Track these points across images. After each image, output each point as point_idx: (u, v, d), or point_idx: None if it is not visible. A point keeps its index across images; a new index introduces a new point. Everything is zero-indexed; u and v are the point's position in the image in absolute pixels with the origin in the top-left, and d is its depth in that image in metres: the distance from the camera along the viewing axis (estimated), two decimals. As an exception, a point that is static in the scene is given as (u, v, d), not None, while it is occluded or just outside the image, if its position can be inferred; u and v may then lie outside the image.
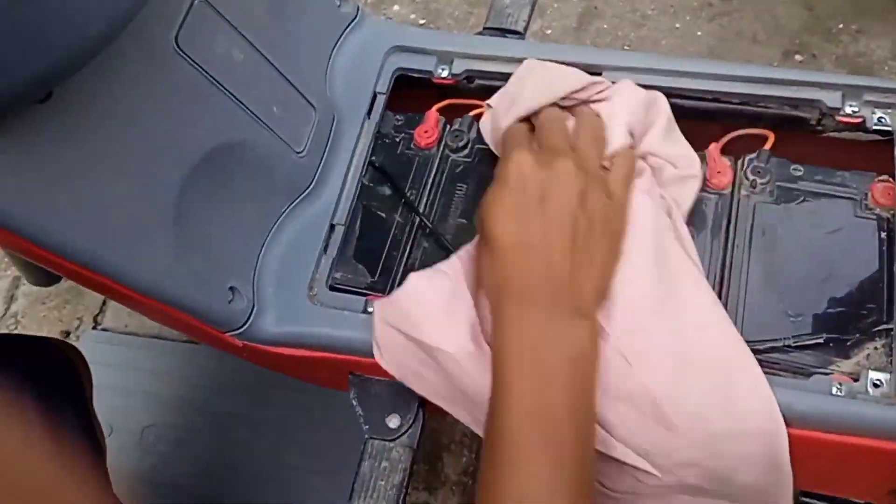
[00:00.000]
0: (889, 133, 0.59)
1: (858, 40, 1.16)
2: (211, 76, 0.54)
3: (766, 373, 0.52)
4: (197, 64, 0.52)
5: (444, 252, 0.61)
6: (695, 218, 0.59)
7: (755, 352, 0.51)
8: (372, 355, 0.57)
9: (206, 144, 0.55)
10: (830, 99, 0.59)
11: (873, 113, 0.59)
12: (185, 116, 0.53)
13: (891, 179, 0.57)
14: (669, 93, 0.62)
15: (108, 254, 0.50)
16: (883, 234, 0.56)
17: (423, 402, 0.59)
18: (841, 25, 1.17)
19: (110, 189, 0.49)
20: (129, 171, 0.50)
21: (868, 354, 0.53)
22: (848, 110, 0.59)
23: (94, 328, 1.17)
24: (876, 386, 0.51)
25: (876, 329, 0.53)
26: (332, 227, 0.63)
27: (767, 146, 0.60)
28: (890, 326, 0.52)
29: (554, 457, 0.43)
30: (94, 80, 0.46)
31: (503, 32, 0.72)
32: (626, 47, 1.20)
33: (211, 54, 0.53)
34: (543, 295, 0.46)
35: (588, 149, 0.52)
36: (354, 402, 0.60)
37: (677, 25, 1.20)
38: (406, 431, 0.59)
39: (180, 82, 0.52)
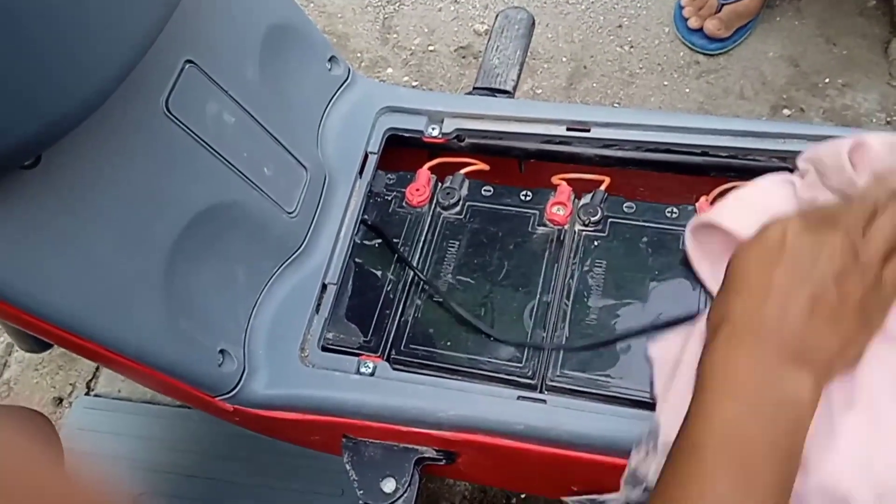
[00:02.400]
0: (877, 183, 0.59)
1: (845, 94, 1.17)
2: (201, 139, 0.54)
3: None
4: (187, 127, 0.53)
5: (437, 310, 0.61)
6: (688, 270, 0.59)
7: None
8: (364, 417, 0.56)
9: (196, 206, 0.55)
10: (817, 150, 0.60)
11: (861, 163, 0.59)
12: (174, 179, 0.53)
13: (882, 229, 0.57)
14: (657, 147, 0.63)
15: (96, 319, 0.49)
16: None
17: (419, 464, 0.58)
18: (827, 80, 1.19)
19: (99, 254, 0.49)
20: (118, 235, 0.50)
21: None
22: (835, 161, 0.59)
23: (87, 394, 1.16)
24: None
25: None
26: (324, 286, 0.62)
27: (757, 198, 0.60)
28: None
29: (744, 487, 0.41)
30: (83, 145, 0.46)
31: (492, 92, 0.73)
32: (615, 105, 1.21)
33: (201, 117, 0.54)
34: (770, 338, 0.44)
35: (880, 234, 0.47)
36: (348, 466, 0.59)
37: (665, 83, 1.22)
38: (402, 496, 0.57)
39: (170, 145, 0.52)
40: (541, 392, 0.56)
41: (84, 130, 0.45)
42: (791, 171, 0.61)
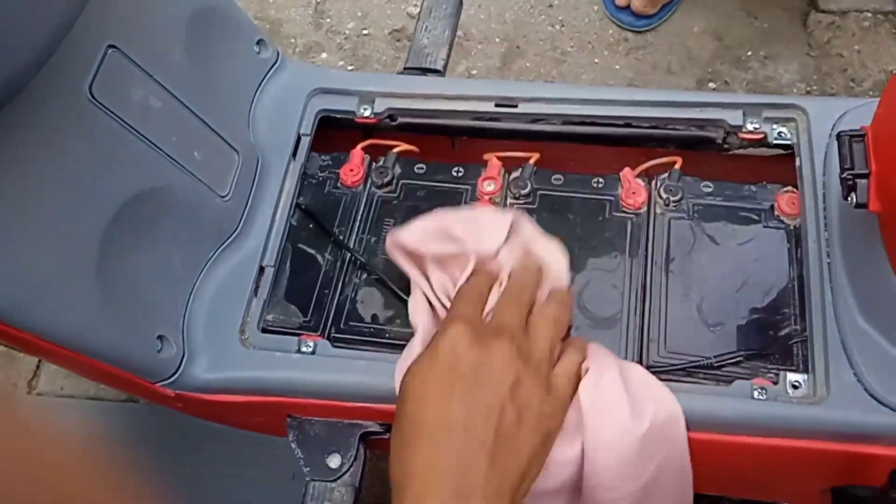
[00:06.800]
0: (790, 146, 0.62)
1: (767, 66, 1.22)
2: (128, 124, 0.54)
3: (690, 382, 0.54)
4: (112, 112, 0.52)
5: (375, 287, 0.62)
6: (613, 237, 0.61)
7: (679, 368, 0.54)
8: (307, 395, 0.57)
9: (126, 192, 0.54)
10: (732, 118, 0.63)
11: (773, 128, 0.62)
12: (102, 165, 0.53)
13: (794, 190, 0.60)
14: (583, 121, 0.65)
15: (30, 310, 0.49)
16: (790, 242, 0.59)
17: (364, 439, 0.59)
18: (749, 53, 1.23)
19: (28, 242, 0.48)
20: (48, 224, 0.50)
21: (785, 357, 0.55)
22: (749, 127, 0.62)
23: (28, 393, 1.14)
24: (795, 387, 0.53)
25: (791, 333, 0.55)
26: (261, 269, 0.63)
27: (677, 166, 0.62)
28: (804, 330, 0.55)
29: None
30: (6, 133, 0.46)
31: (423, 71, 0.74)
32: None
33: (127, 102, 0.54)
34: (451, 487, 0.42)
35: (542, 332, 0.49)
36: (293, 445, 0.60)
37: (596, 60, 1.24)
38: (347, 470, 0.58)
39: (96, 131, 0.52)
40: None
41: (6, 119, 0.44)
42: (711, 139, 0.64)
